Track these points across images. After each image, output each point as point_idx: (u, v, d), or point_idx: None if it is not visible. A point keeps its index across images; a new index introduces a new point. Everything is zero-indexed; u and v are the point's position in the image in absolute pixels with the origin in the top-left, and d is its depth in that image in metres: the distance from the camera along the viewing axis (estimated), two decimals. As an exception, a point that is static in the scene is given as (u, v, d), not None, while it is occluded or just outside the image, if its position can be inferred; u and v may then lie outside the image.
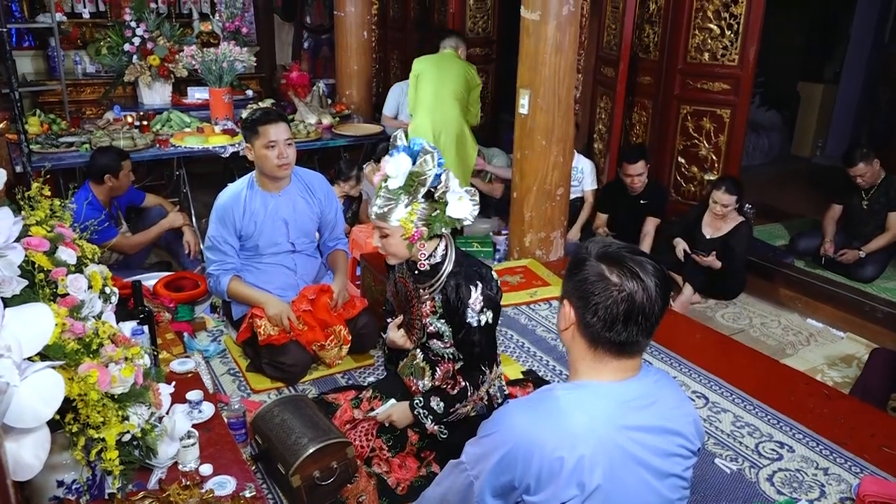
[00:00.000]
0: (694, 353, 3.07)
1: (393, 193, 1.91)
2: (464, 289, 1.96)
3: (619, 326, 1.22)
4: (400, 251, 1.96)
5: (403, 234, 1.92)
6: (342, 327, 2.80)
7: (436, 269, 2.01)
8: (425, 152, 1.89)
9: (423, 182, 1.88)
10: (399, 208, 1.90)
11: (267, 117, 2.71)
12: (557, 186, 3.97)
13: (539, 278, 3.81)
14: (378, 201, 1.93)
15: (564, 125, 3.88)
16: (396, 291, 2.15)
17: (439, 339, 2.09)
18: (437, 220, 1.93)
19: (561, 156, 3.91)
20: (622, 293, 1.21)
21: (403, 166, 1.89)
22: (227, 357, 2.98)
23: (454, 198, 1.92)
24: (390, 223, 1.91)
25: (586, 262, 1.26)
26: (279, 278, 2.87)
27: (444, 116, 4.07)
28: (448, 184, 1.92)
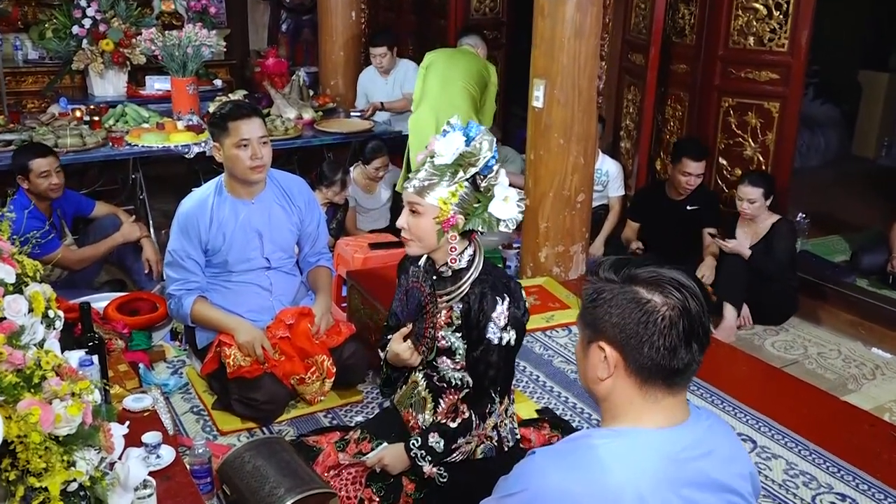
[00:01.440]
0: (739, 388, 3.06)
1: (438, 169, 1.98)
2: (489, 299, 2.00)
3: (682, 351, 1.21)
4: (427, 236, 2.00)
5: (438, 216, 1.97)
6: (325, 357, 2.81)
7: (458, 275, 2.06)
8: (484, 137, 1.97)
9: (473, 163, 1.95)
10: (441, 186, 1.96)
11: (238, 112, 2.74)
12: (578, 192, 3.99)
13: (556, 300, 3.82)
14: (420, 174, 1.99)
15: (586, 121, 3.91)
16: (407, 299, 2.17)
17: (450, 356, 2.11)
18: (477, 213, 1.99)
19: (581, 156, 3.94)
20: (674, 310, 1.21)
21: (454, 146, 1.97)
22: (189, 393, 2.99)
23: (501, 195, 1.98)
24: (426, 200, 1.97)
25: (606, 290, 1.23)
26: (252, 300, 2.88)
27: (450, 111, 4.09)
28: (498, 177, 1.99)
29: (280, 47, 7.34)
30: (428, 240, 2.01)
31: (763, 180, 3.84)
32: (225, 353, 2.73)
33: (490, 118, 4.33)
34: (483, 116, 4.26)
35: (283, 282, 2.95)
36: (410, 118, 4.32)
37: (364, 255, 3.56)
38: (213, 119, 2.81)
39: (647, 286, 1.22)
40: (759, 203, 3.82)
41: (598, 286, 1.25)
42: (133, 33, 5.41)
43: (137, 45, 5.16)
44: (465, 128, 2.00)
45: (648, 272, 1.23)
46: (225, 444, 2.61)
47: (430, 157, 2.01)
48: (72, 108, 4.86)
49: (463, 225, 1.99)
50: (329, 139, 4.94)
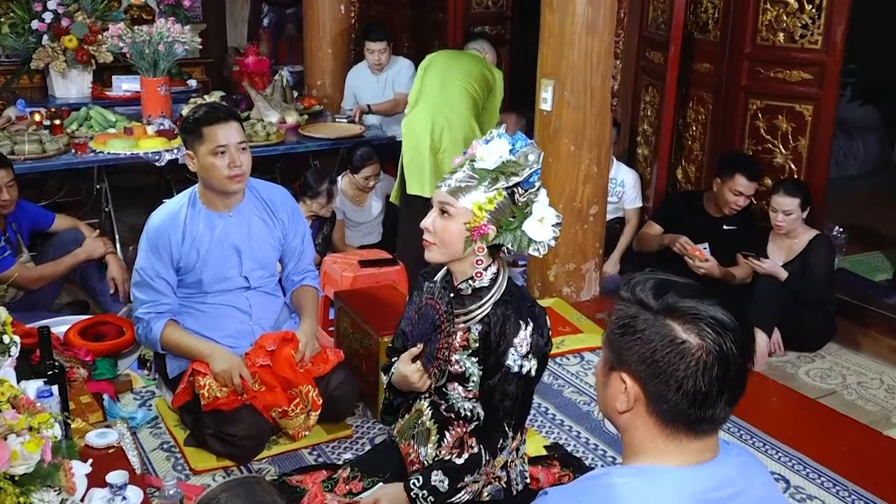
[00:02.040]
0: (770, 421, 3.07)
1: (477, 173, 2.03)
2: (512, 323, 2.03)
3: (709, 399, 1.21)
4: (453, 242, 2.04)
5: (470, 221, 2.01)
6: (310, 388, 2.81)
7: (479, 294, 2.08)
8: (531, 149, 2.04)
9: (515, 173, 2.01)
10: (478, 191, 2.01)
11: (214, 115, 2.76)
12: (590, 204, 4.02)
13: (567, 323, 3.83)
14: (457, 175, 2.05)
15: (599, 125, 3.94)
16: (419, 318, 2.19)
17: (462, 383, 2.12)
18: (511, 228, 2.03)
19: (595, 164, 3.97)
20: (710, 355, 1.20)
21: (498, 152, 2.03)
22: (159, 427, 2.98)
23: (538, 214, 2.03)
24: (460, 202, 2.02)
25: (639, 317, 1.23)
26: (229, 323, 2.89)
27: (449, 113, 4.12)
28: (539, 195, 2.04)
29: (261, 44, 7.39)
30: (453, 246, 2.04)
31: (800, 189, 3.84)
32: (199, 382, 2.74)
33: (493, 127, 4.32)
34: (484, 124, 4.25)
35: (264, 303, 2.95)
36: (404, 120, 4.34)
37: (354, 273, 3.57)
38: (185, 124, 2.83)
39: (685, 323, 1.21)
40: (795, 215, 3.81)
41: (632, 312, 1.24)
42: (99, 28, 5.44)
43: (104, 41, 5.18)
44: (512, 137, 2.06)
45: (689, 306, 1.22)
46: (198, 485, 2.61)
47: (469, 161, 2.06)
48: (30, 111, 4.88)
49: (493, 238, 2.03)
50: (315, 145, 4.97)
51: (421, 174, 4.12)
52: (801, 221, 3.86)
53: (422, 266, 2.24)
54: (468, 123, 4.12)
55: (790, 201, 3.80)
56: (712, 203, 4.21)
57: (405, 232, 4.31)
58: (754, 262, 3.83)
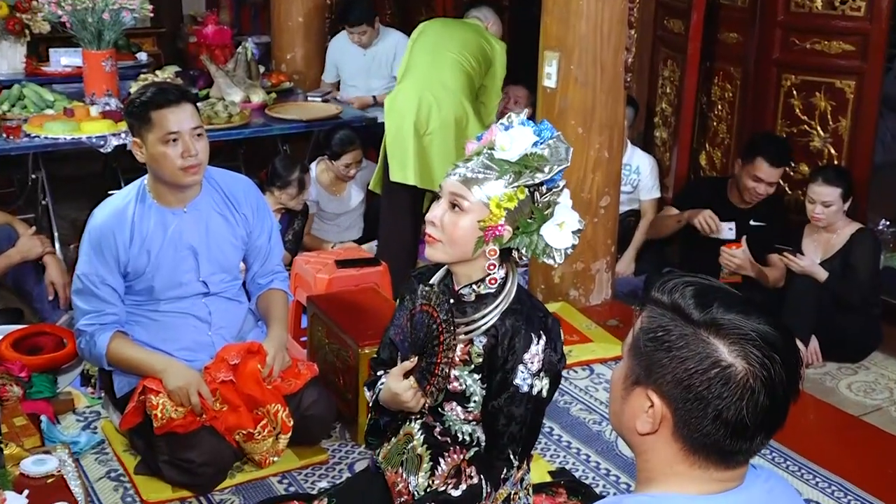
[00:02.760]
0: (806, 441, 3.08)
1: (497, 164, 2.02)
2: (522, 336, 2.03)
3: (749, 431, 1.20)
4: (463, 241, 2.03)
5: (485, 219, 2.00)
6: (280, 407, 2.81)
7: (483, 301, 2.07)
8: (559, 142, 2.02)
9: (541, 169, 2.00)
10: (497, 183, 2.00)
11: (163, 97, 2.75)
12: (601, 195, 4.02)
13: (575, 331, 3.84)
14: (471, 163, 2.04)
15: (611, 104, 3.94)
16: (412, 327, 2.16)
17: (462, 403, 2.10)
18: (528, 231, 2.03)
19: (606, 149, 3.97)
20: (757, 381, 1.18)
21: (522, 142, 2.01)
22: (106, 453, 2.98)
23: (559, 217, 2.03)
24: (475, 195, 2.01)
25: (676, 329, 1.22)
26: (185, 334, 2.89)
27: (438, 90, 4.11)
28: (562, 195, 2.04)
29: (221, 11, 7.37)
30: (462, 246, 2.03)
31: (840, 178, 3.84)
32: (151, 402, 2.73)
33: (493, 110, 4.32)
34: (484, 106, 4.24)
35: (226, 311, 2.95)
36: (388, 97, 4.33)
37: (329, 274, 3.57)
38: (130, 107, 2.80)
39: (730, 343, 1.19)
40: (835, 207, 3.82)
41: (666, 321, 1.22)
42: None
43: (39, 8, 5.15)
44: (537, 125, 2.05)
45: (734, 322, 1.20)
46: (151, 519, 2.61)
47: (488, 149, 2.05)
48: (-46, 89, 4.86)
49: (507, 240, 2.02)
50: (284, 128, 4.96)
51: (404, 159, 4.11)
52: (841, 214, 3.87)
53: (407, 264, 2.24)
54: (460, 103, 4.10)
55: (829, 191, 3.80)
56: (736, 192, 4.23)
57: (388, 225, 4.31)
58: (789, 258, 3.83)
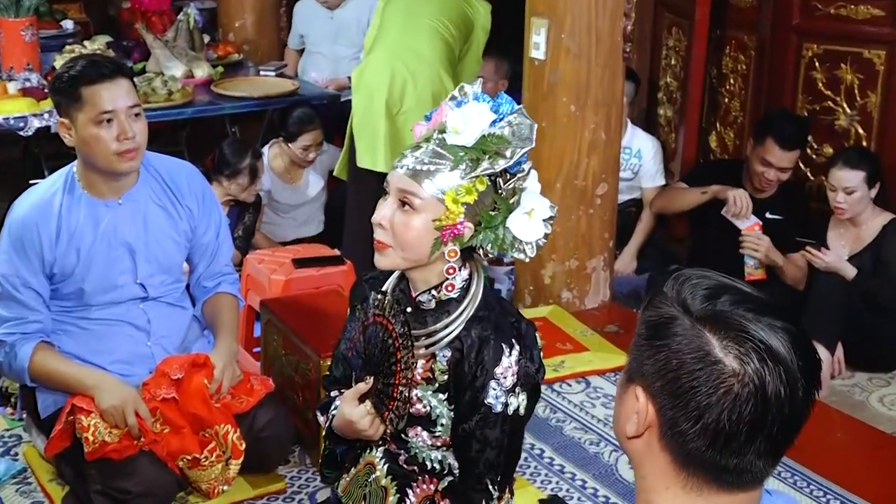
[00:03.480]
0: (832, 462, 3.10)
1: (450, 150, 1.99)
2: (491, 347, 2.00)
3: (734, 444, 1.20)
4: (416, 245, 1.99)
5: (441, 218, 1.97)
6: (230, 428, 2.81)
7: (445, 309, 2.05)
8: (521, 117, 2.00)
9: (502, 153, 1.97)
10: (451, 174, 1.97)
11: (96, 71, 2.74)
12: (597, 182, 4.03)
13: (568, 338, 3.86)
14: (419, 151, 2.01)
15: (608, 78, 3.96)
16: (365, 342, 2.14)
17: (428, 427, 2.08)
18: (492, 225, 2.01)
19: (602, 130, 3.99)
20: (745, 388, 1.18)
21: (477, 122, 1.99)
22: (29, 483, 2.96)
23: (526, 205, 2.01)
24: (427, 190, 1.97)
25: (676, 321, 1.23)
26: (120, 345, 2.88)
27: (412, 62, 4.10)
28: (529, 181, 2.02)
29: (159, -29, 7.31)
30: (416, 250, 2.00)
31: (865, 160, 3.87)
32: (81, 423, 2.72)
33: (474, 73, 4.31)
34: (461, 75, 4.22)
35: (167, 318, 2.95)
36: (355, 71, 4.32)
37: (286, 275, 3.57)
38: (57, 83, 2.79)
39: (726, 339, 1.20)
40: (859, 193, 3.84)
41: (668, 314, 1.24)
42: (-61, -49, 5.36)
43: (-54, -32, 5.11)
44: (494, 100, 2.02)
45: (737, 318, 1.21)
46: (81, 559, 2.60)
47: (438, 132, 2.02)
48: None
49: (469, 238, 2.01)
50: (233, 107, 4.96)
51: (373, 142, 4.12)
52: (868, 202, 3.89)
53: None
54: (438, 77, 4.10)
55: (852, 175, 3.81)
56: (748, 179, 4.25)
57: (354, 217, 4.31)
58: (813, 254, 3.85)
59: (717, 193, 4.16)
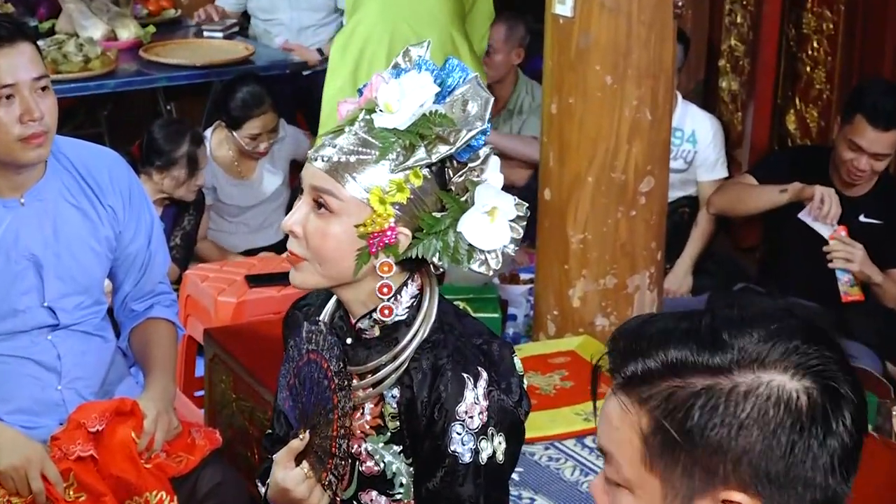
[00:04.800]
0: None
1: (377, 136, 1.99)
2: (449, 379, 2.00)
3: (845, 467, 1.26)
4: (337, 258, 2.01)
5: (365, 223, 1.98)
6: (165, 495, 2.80)
7: (391, 335, 2.06)
8: (474, 90, 2.01)
9: (445, 138, 1.98)
10: (378, 167, 1.98)
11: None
12: (641, 175, 4.01)
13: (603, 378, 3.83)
14: (340, 139, 2.01)
15: (655, 41, 3.94)
16: (300, 385, 2.16)
17: (385, 490, 2.10)
18: (436, 230, 2.01)
19: (647, 108, 3.97)
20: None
21: (415, 96, 1.99)
22: None
23: (484, 202, 2.00)
24: (348, 189, 1.98)
25: (715, 388, 1.25)
26: (22, 388, 2.89)
27: (416, 21, 4.13)
28: (488, 171, 2.04)
29: None
30: (337, 264, 2.01)
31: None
32: (-30, 488, 2.72)
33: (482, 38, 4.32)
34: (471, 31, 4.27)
35: (83, 352, 2.95)
36: (340, 34, 4.34)
37: (237, 296, 3.58)
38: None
39: (785, 366, 1.25)
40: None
41: (717, 385, 1.25)
42: None
43: None
44: (441, 67, 2.02)
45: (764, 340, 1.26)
46: None
47: (365, 111, 2.03)
48: None
49: (406, 248, 2.01)
50: (168, 78, 5.00)
51: None
52: None
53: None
54: (449, 38, 4.15)
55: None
56: (835, 170, 4.27)
57: None
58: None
59: (799, 194, 4.18)
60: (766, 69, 4.72)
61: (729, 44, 5.09)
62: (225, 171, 4.80)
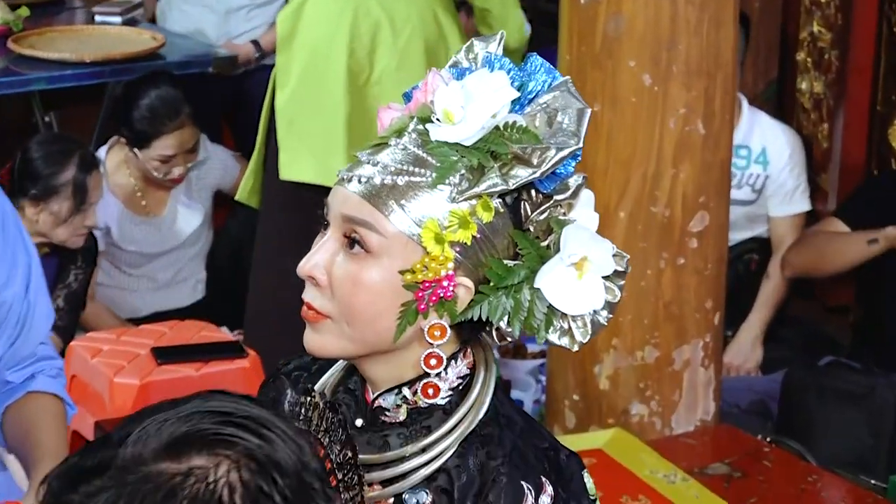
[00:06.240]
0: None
1: (435, 152, 1.97)
2: (504, 487, 1.99)
3: None
4: (373, 316, 1.98)
5: (414, 269, 1.95)
6: None
7: (424, 422, 2.05)
8: (565, 98, 1.99)
9: (525, 161, 1.94)
10: (433, 194, 1.96)
11: None
12: (692, 209, 4.03)
13: (641, 485, 3.90)
14: (380, 155, 1.98)
15: (710, 28, 3.97)
16: None
17: None
18: (507, 284, 1.99)
19: (700, 118, 4.00)
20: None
21: (486, 103, 1.97)
22: None
23: (574, 251, 1.97)
24: (393, 222, 1.96)
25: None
26: None
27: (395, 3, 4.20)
28: (579, 208, 2.01)
29: None
30: (371, 325, 1.99)
31: None
32: None
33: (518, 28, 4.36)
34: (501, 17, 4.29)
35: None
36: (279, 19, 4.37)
37: (140, 377, 3.57)
38: None
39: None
40: None
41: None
42: None
43: None
44: (519, 66, 2.03)
45: None
46: None
47: (416, 120, 2.01)
48: None
49: (466, 306, 1.99)
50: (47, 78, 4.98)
51: (321, 136, 4.21)
52: None
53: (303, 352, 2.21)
54: (431, 16, 4.23)
55: None
56: None
57: (269, 273, 4.38)
58: None
59: (892, 242, 4.27)
60: (860, 65, 4.73)
61: (810, 30, 5.08)
62: (125, 206, 4.78)
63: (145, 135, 4.67)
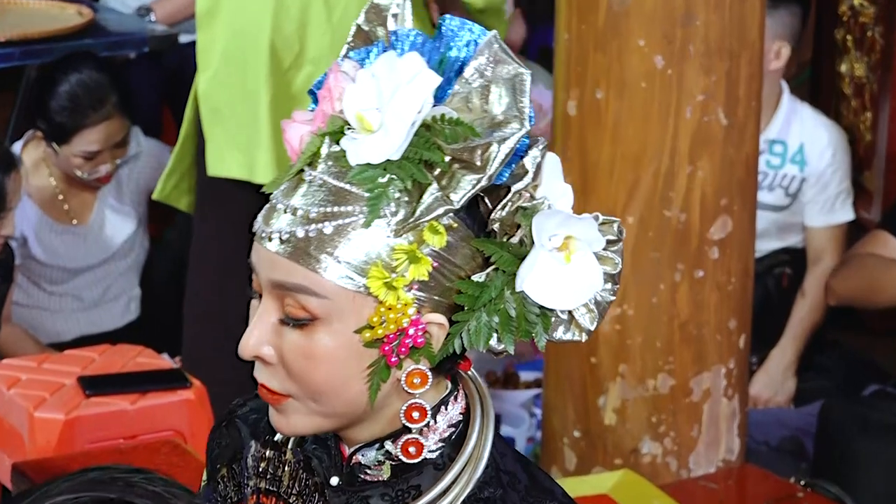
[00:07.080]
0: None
1: (357, 180, 1.88)
2: None
3: None
4: (339, 389, 1.93)
5: (370, 323, 1.90)
6: None
7: (412, 479, 2.03)
8: (497, 58, 1.91)
9: (468, 165, 1.88)
10: (368, 233, 1.88)
11: None
12: (713, 213, 4.04)
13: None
14: (296, 197, 1.89)
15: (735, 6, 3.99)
16: None
17: None
18: (483, 302, 1.95)
19: (721, 107, 4.02)
20: None
21: (408, 95, 1.89)
22: None
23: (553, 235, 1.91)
24: (326, 275, 1.88)
25: None
26: None
27: None
28: (544, 184, 1.94)
29: None
30: (338, 396, 1.94)
31: None
32: None
33: None
34: None
35: None
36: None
37: (66, 411, 3.58)
38: None
39: None
40: None
41: None
42: None
43: None
44: (432, 37, 1.95)
45: None
46: None
47: (328, 139, 1.93)
48: None
49: (442, 342, 1.94)
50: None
51: (244, 128, 4.25)
52: None
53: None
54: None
55: None
56: None
57: (204, 285, 4.43)
58: None
59: None
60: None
61: (850, 4, 5.12)
62: (43, 212, 4.80)
63: (65, 128, 4.71)
